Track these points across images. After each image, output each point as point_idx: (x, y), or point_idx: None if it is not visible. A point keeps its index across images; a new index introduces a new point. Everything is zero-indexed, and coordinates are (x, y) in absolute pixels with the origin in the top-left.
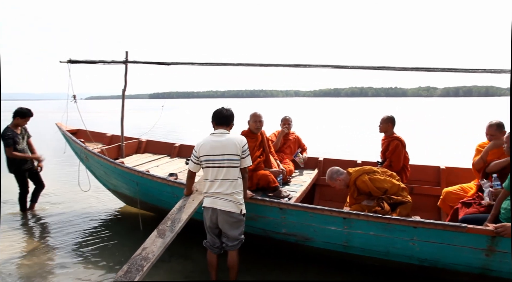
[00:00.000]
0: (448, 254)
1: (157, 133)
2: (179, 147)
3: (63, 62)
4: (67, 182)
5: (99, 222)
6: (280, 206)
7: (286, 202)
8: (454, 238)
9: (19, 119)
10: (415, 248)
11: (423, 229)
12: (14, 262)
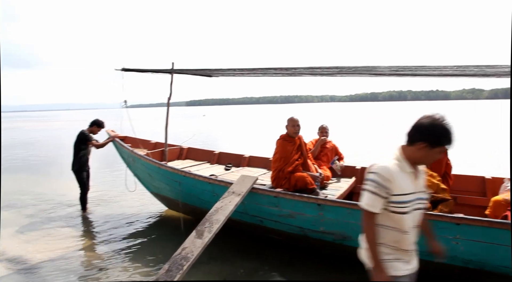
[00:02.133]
0: (497, 255)
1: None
2: (219, 154)
3: (117, 70)
4: (114, 185)
5: (143, 223)
6: (318, 202)
7: (324, 198)
8: (503, 237)
9: (95, 127)
10: (459, 247)
11: (467, 226)
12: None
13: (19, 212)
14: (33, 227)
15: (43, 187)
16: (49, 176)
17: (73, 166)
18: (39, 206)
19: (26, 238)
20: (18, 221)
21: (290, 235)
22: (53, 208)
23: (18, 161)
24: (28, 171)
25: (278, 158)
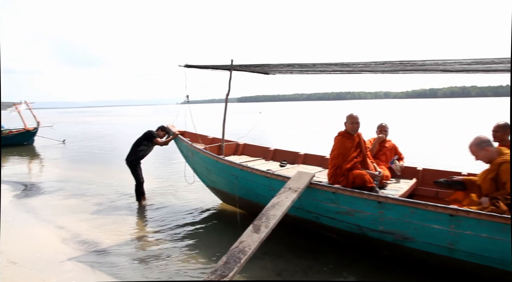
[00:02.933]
0: None
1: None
2: (274, 151)
3: (181, 66)
4: (173, 178)
5: (199, 215)
6: (379, 200)
7: (386, 195)
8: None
9: (161, 131)
10: None
11: None
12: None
13: (88, 200)
14: (100, 214)
15: (108, 177)
16: (113, 168)
17: (128, 157)
18: (105, 195)
19: (94, 224)
20: (87, 208)
21: (346, 233)
22: (117, 197)
23: (86, 153)
24: (95, 162)
25: (336, 155)
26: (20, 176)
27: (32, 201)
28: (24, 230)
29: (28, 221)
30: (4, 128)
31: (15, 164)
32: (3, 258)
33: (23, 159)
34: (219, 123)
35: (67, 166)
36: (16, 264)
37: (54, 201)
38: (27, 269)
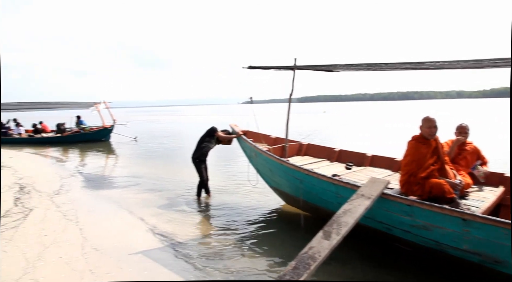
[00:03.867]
0: None
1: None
2: (339, 152)
3: (244, 68)
4: (237, 177)
5: (262, 215)
6: (464, 217)
7: (473, 213)
8: None
9: (222, 132)
10: None
11: None
12: (195, 241)
13: (160, 195)
14: (170, 209)
15: (177, 174)
16: (180, 165)
17: (193, 154)
18: (174, 191)
19: (165, 218)
20: (159, 203)
21: (422, 248)
22: (185, 193)
23: (155, 150)
24: (164, 159)
25: (409, 161)
26: (99, 170)
27: (111, 193)
28: (105, 220)
29: (108, 212)
30: (86, 125)
31: (95, 159)
32: (88, 244)
33: (101, 154)
34: (280, 122)
35: (139, 162)
36: (98, 250)
37: (130, 194)
38: (107, 256)
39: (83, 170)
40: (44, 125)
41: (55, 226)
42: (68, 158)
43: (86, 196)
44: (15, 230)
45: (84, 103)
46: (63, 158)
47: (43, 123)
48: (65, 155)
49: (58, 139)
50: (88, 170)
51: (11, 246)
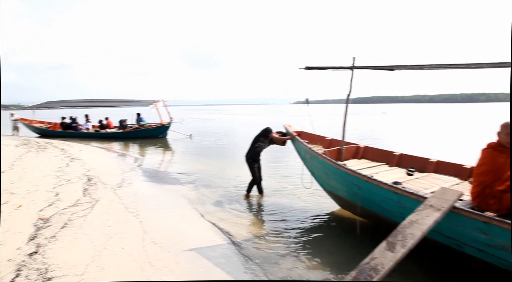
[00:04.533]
0: None
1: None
2: (400, 156)
3: (301, 69)
4: (290, 179)
5: (316, 219)
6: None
7: None
8: None
9: (277, 133)
10: None
11: None
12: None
13: (214, 192)
14: (225, 207)
15: (230, 172)
16: (234, 163)
17: (247, 154)
18: (228, 189)
19: (220, 216)
20: (214, 200)
21: (499, 270)
22: (239, 192)
23: (209, 147)
24: (217, 156)
25: (484, 171)
26: (156, 165)
27: (168, 188)
28: (163, 214)
29: (166, 207)
30: (145, 122)
31: (152, 154)
32: (148, 237)
33: (158, 150)
34: (334, 123)
35: (194, 158)
36: (157, 244)
37: (186, 190)
38: (166, 250)
39: (142, 164)
40: (109, 121)
41: (118, 218)
42: (128, 153)
43: (146, 190)
44: (84, 219)
45: (144, 101)
46: (124, 153)
47: (109, 119)
48: (126, 150)
49: (120, 134)
50: (146, 165)
51: (81, 234)
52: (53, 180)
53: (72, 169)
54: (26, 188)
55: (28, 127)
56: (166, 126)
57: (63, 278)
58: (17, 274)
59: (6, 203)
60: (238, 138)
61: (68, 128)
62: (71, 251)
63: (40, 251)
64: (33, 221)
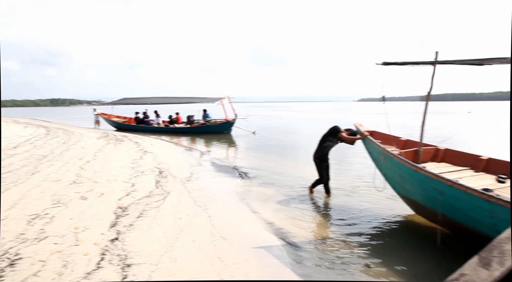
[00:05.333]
0: None
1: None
2: (488, 160)
3: (378, 64)
4: (359, 179)
5: (387, 224)
6: None
7: None
8: None
9: (346, 131)
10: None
11: None
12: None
13: (278, 190)
14: (289, 206)
15: (294, 170)
16: (297, 160)
17: (315, 154)
18: (292, 187)
19: (285, 215)
20: (278, 198)
21: None
22: (304, 191)
23: (272, 144)
24: (281, 154)
25: None
26: (222, 160)
27: (233, 183)
28: (229, 210)
29: (232, 203)
30: (211, 118)
31: (218, 149)
32: (216, 232)
33: (223, 146)
34: (407, 122)
35: (257, 155)
36: (226, 240)
37: (251, 187)
38: (234, 246)
39: (208, 159)
40: (179, 116)
41: (187, 211)
42: (195, 148)
43: (212, 185)
44: (157, 210)
45: (211, 98)
46: (191, 147)
47: (179, 115)
48: (193, 144)
49: (188, 129)
50: (212, 159)
51: (155, 224)
52: (129, 171)
53: (145, 162)
54: (106, 177)
55: (107, 121)
56: (231, 122)
57: (140, 265)
58: (102, 257)
59: (91, 190)
60: (302, 136)
61: (141, 122)
62: (147, 240)
63: (120, 238)
64: (113, 209)
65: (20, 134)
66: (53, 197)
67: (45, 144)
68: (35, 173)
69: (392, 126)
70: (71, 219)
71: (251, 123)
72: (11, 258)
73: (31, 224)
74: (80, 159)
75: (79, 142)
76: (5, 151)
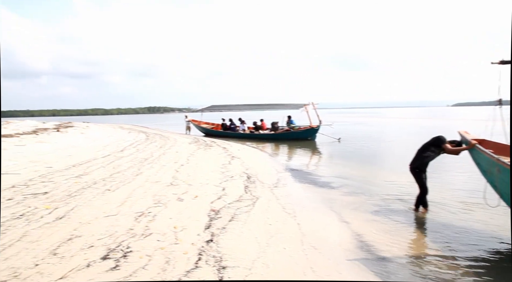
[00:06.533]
0: None
1: None
2: None
3: (494, 63)
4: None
5: (499, 246)
6: None
7: None
8: None
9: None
10: None
11: None
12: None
13: (367, 199)
14: (379, 217)
15: (383, 179)
16: (387, 170)
17: (412, 163)
18: (382, 197)
19: (374, 227)
20: (367, 208)
21: None
22: (394, 202)
23: (359, 152)
24: (368, 162)
25: None
26: (307, 167)
27: (320, 192)
28: (318, 218)
29: (320, 211)
30: (295, 124)
31: (302, 156)
32: (306, 240)
33: (307, 153)
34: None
35: (343, 163)
36: (317, 249)
37: (338, 195)
38: (325, 257)
39: (293, 166)
40: (264, 123)
41: (276, 217)
42: (279, 154)
43: (299, 191)
44: (247, 215)
45: (295, 104)
46: (275, 153)
47: (263, 121)
48: (276, 151)
49: (272, 136)
50: (297, 166)
51: (246, 229)
52: (219, 176)
53: (233, 167)
54: (199, 181)
55: (197, 127)
56: (315, 129)
57: (235, 269)
58: (199, 258)
59: (186, 192)
60: (392, 144)
61: (228, 129)
62: (239, 244)
63: (214, 240)
64: (206, 211)
65: (125, 139)
66: (154, 197)
67: (145, 148)
68: (139, 174)
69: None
70: (170, 219)
71: (336, 129)
72: (124, 250)
73: (137, 220)
74: (175, 162)
75: (173, 146)
76: (114, 153)
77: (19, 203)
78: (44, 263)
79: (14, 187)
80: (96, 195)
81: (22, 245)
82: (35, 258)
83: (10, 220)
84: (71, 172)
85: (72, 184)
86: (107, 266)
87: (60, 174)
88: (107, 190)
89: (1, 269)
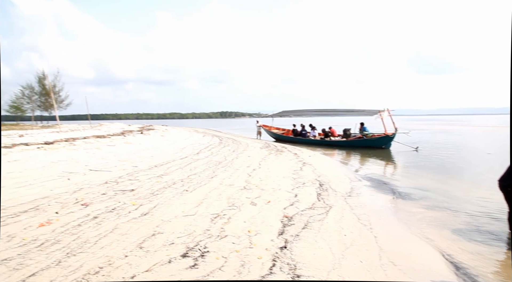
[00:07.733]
0: None
1: None
2: None
3: None
4: None
5: None
6: None
7: None
8: None
9: None
10: None
11: None
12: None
13: (452, 216)
14: (468, 237)
15: (469, 195)
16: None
17: (503, 180)
18: (470, 215)
19: (463, 247)
20: (453, 226)
21: None
22: (486, 221)
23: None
24: (450, 174)
25: None
26: (382, 177)
27: (397, 204)
28: (396, 233)
29: (397, 225)
30: (368, 132)
31: (375, 165)
32: (384, 255)
33: (380, 162)
34: None
35: (421, 174)
36: (396, 266)
37: (417, 209)
38: (407, 275)
39: (367, 174)
40: (333, 129)
41: (351, 228)
42: (351, 162)
43: (375, 202)
44: (321, 223)
45: (369, 111)
46: (347, 161)
47: (332, 128)
48: (348, 158)
49: (343, 143)
50: (372, 175)
51: (320, 238)
52: (290, 182)
53: (305, 173)
54: (271, 186)
55: (268, 132)
56: (390, 137)
57: (310, 278)
58: (273, 263)
59: (259, 197)
60: (478, 155)
61: (299, 134)
62: (313, 253)
63: (288, 246)
64: (279, 217)
65: (200, 142)
66: (228, 200)
67: (219, 151)
68: (214, 177)
69: None
70: (244, 222)
71: (414, 138)
72: (201, 250)
73: (213, 222)
74: (247, 166)
75: (245, 151)
76: (191, 156)
77: (111, 198)
78: (132, 255)
79: (106, 183)
80: (175, 195)
81: (114, 237)
82: (125, 250)
83: (104, 213)
84: (153, 172)
85: (154, 183)
86: (186, 264)
87: (144, 173)
88: (185, 190)
89: (99, 256)
